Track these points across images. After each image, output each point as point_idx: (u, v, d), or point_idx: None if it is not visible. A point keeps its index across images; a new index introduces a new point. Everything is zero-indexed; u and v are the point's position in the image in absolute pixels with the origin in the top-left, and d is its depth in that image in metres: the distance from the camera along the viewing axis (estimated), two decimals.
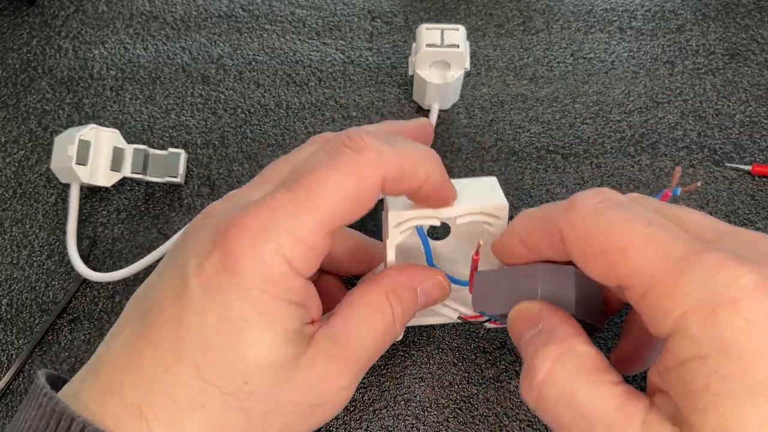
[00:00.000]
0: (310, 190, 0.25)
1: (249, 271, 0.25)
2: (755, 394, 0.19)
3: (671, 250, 0.22)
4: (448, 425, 0.36)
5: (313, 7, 0.48)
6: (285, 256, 0.25)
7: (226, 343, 0.25)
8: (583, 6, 0.48)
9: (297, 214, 0.25)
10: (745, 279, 0.20)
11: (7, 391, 0.37)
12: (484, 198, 0.30)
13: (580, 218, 0.24)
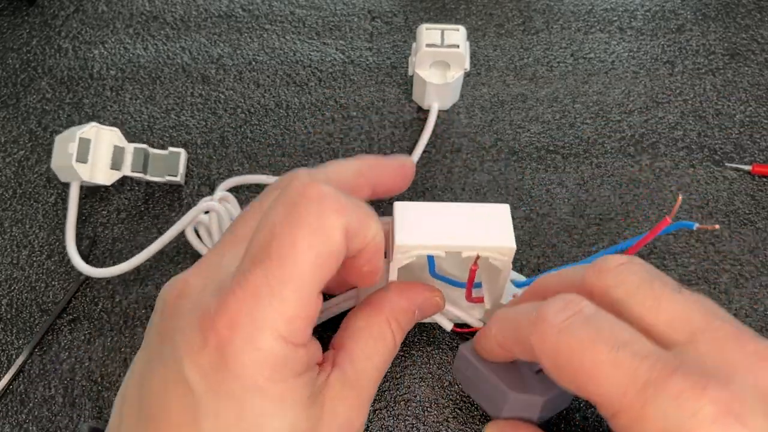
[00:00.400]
0: (283, 263, 0.24)
1: (250, 366, 0.24)
2: None
3: (635, 377, 0.22)
4: (448, 425, 0.36)
5: (313, 7, 0.48)
6: (282, 337, 0.24)
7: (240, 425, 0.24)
8: (583, 6, 0.48)
9: (280, 294, 0.24)
10: (704, 411, 0.21)
11: (7, 391, 0.37)
12: (493, 235, 0.30)
13: (548, 335, 0.24)
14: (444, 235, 0.30)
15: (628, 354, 0.23)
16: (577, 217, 0.41)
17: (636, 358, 0.22)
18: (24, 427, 0.36)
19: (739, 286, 0.39)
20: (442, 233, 0.30)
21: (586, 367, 0.23)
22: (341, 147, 0.43)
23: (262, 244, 0.25)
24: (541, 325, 0.25)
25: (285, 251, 0.24)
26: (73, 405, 0.37)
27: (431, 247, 0.30)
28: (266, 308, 0.24)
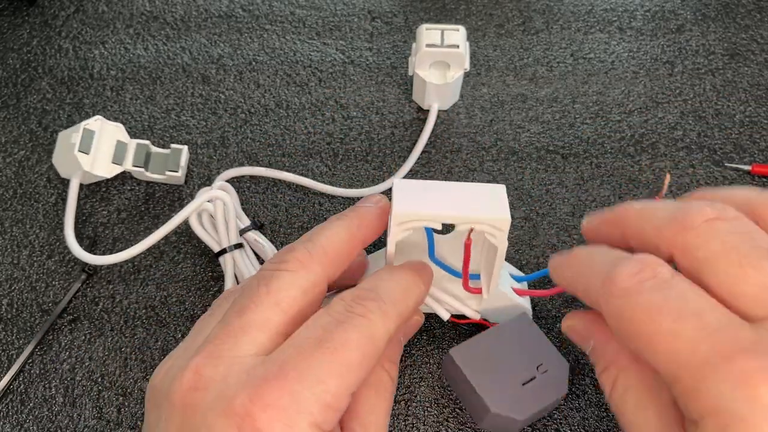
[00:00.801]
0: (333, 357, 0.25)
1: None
2: None
3: (695, 351, 0.21)
4: (448, 425, 0.36)
5: (313, 7, 0.48)
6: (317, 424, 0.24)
7: None
8: (583, 6, 0.48)
9: (324, 382, 0.24)
10: (763, 400, 0.20)
11: (7, 390, 0.37)
12: (489, 208, 0.30)
13: (614, 297, 0.24)
14: (441, 207, 0.30)
15: (693, 326, 0.22)
16: (577, 217, 0.41)
17: (702, 332, 0.21)
18: (24, 427, 0.36)
19: None
20: (438, 204, 0.30)
21: (646, 335, 0.23)
22: (341, 147, 0.43)
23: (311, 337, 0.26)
24: (609, 286, 0.24)
25: (337, 345, 0.25)
26: (73, 405, 0.37)
27: (428, 216, 0.30)
28: (308, 393, 0.24)
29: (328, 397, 0.24)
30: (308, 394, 0.24)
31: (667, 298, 0.23)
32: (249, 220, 0.40)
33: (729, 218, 0.24)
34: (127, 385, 0.37)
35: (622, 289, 0.23)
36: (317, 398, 0.24)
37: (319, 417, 0.24)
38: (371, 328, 0.26)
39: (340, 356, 0.25)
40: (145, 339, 0.38)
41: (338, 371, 0.25)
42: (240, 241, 0.38)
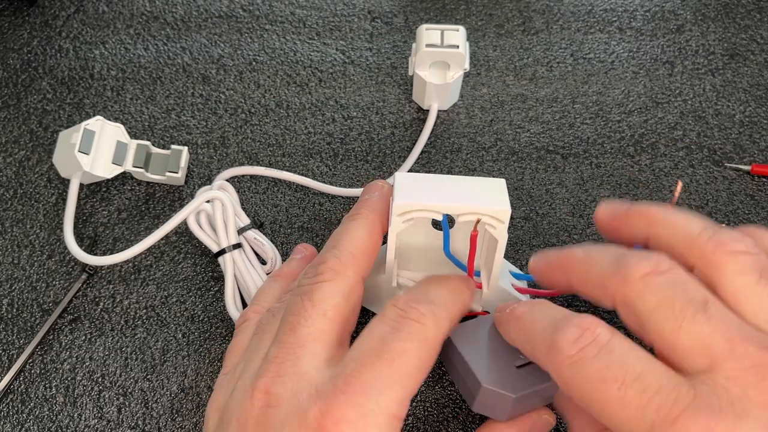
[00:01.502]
0: (392, 364, 0.26)
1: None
2: None
3: (642, 417, 0.22)
4: (448, 425, 0.36)
5: (313, 8, 0.48)
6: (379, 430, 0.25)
7: None
8: (583, 6, 0.48)
9: (386, 393, 0.25)
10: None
11: (8, 390, 0.37)
12: (489, 200, 0.30)
13: (561, 366, 0.24)
14: (442, 198, 0.30)
15: (635, 391, 0.22)
16: (577, 217, 0.41)
17: (644, 396, 0.22)
18: (25, 427, 0.36)
19: None
20: (439, 196, 0.30)
21: (597, 403, 0.23)
22: (341, 147, 0.44)
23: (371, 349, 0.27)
24: (555, 356, 0.25)
25: (395, 355, 0.26)
26: (74, 404, 0.37)
27: (429, 207, 0.30)
28: (373, 406, 0.25)
29: (392, 406, 0.25)
30: (374, 407, 0.25)
31: (609, 366, 0.23)
32: (249, 220, 0.40)
33: (663, 271, 0.25)
34: (128, 385, 0.37)
35: (567, 357, 0.24)
36: (382, 410, 0.25)
37: (385, 428, 0.25)
38: (426, 332, 0.27)
39: (399, 365, 0.26)
40: (145, 339, 0.38)
41: (398, 380, 0.26)
42: (239, 241, 0.38)
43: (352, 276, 0.30)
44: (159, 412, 0.36)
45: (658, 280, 0.24)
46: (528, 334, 0.27)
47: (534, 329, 0.27)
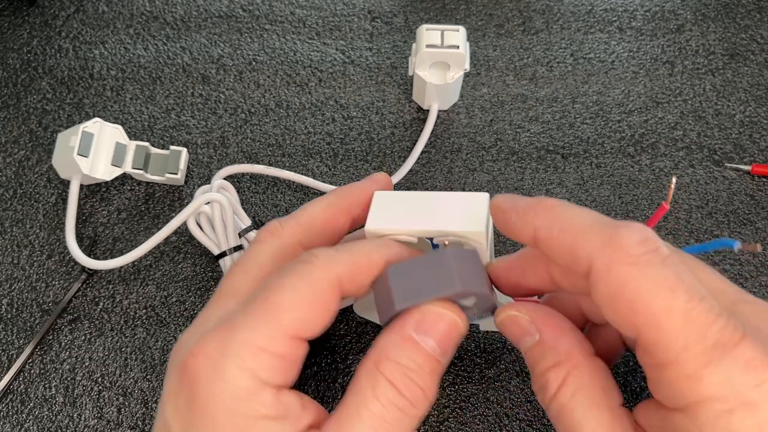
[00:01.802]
0: (265, 301, 0.25)
1: (212, 396, 0.24)
2: None
3: (706, 335, 0.21)
4: (448, 425, 0.36)
5: (313, 7, 0.48)
6: (248, 369, 0.24)
7: None
8: (583, 6, 0.48)
9: (253, 327, 0.25)
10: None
11: (7, 390, 0.37)
12: (463, 221, 0.29)
13: (619, 262, 0.22)
14: (414, 221, 0.29)
15: (704, 308, 0.21)
16: None
17: (711, 315, 0.21)
18: (24, 427, 0.36)
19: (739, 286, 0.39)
20: (412, 219, 0.29)
21: (654, 311, 0.22)
22: (341, 147, 0.43)
23: (255, 291, 0.26)
24: (614, 251, 0.22)
25: (270, 293, 0.25)
26: (73, 405, 0.37)
27: (400, 231, 0.29)
28: (236, 338, 0.24)
29: (259, 339, 0.24)
30: (237, 340, 0.24)
31: (679, 275, 0.22)
32: (250, 220, 0.40)
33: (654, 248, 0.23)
34: (127, 385, 0.37)
35: (631, 255, 0.22)
36: (244, 342, 0.24)
37: (250, 362, 0.24)
38: (311, 270, 0.26)
39: (272, 300, 0.25)
40: (145, 339, 0.38)
41: (269, 315, 0.25)
42: (239, 243, 0.38)
43: (286, 239, 0.29)
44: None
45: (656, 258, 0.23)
46: (570, 224, 0.24)
47: (581, 222, 0.24)
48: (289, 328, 0.25)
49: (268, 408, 0.24)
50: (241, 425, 0.24)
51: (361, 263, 0.27)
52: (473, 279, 0.27)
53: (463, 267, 0.26)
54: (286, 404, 0.25)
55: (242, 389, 0.24)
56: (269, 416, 0.24)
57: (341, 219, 0.31)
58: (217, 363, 0.24)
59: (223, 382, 0.24)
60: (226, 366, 0.24)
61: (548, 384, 0.25)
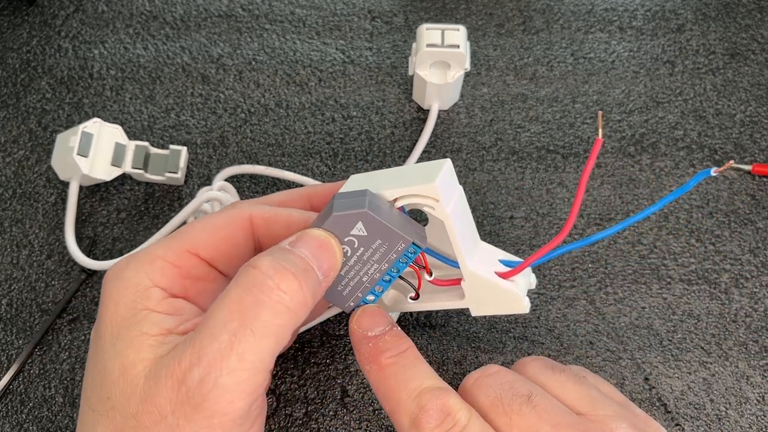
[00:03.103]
0: (182, 227, 0.29)
1: (110, 292, 0.27)
2: None
3: None
4: None
5: (313, 7, 0.48)
6: (143, 271, 0.28)
7: (97, 366, 0.27)
8: (583, 6, 0.48)
9: (158, 244, 0.29)
10: None
11: (7, 390, 0.37)
12: (416, 180, 0.29)
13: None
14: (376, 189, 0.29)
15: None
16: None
17: None
18: (24, 427, 0.36)
19: (739, 286, 0.39)
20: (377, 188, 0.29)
21: None
22: (341, 147, 0.43)
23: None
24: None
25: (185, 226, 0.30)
26: (73, 405, 0.37)
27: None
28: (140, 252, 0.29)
29: (157, 250, 0.28)
30: (141, 252, 0.28)
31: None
32: None
33: (491, 373, 0.28)
34: None
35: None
36: (146, 252, 0.28)
37: (146, 266, 0.28)
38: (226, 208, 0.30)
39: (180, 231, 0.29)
40: None
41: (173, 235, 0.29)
42: None
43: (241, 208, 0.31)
44: None
45: (488, 382, 0.28)
46: (390, 392, 0.28)
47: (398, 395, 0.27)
48: (186, 244, 0.29)
49: (155, 303, 0.27)
50: (125, 313, 0.27)
51: (279, 214, 0.30)
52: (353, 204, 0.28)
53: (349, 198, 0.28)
54: (178, 306, 0.28)
55: (133, 285, 0.27)
56: (152, 309, 0.27)
57: (298, 204, 0.33)
58: (121, 268, 0.28)
59: (120, 280, 0.28)
60: (127, 269, 0.28)
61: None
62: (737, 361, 0.38)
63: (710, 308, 0.39)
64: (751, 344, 0.38)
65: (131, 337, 0.26)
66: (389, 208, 0.28)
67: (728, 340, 0.38)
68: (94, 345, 0.27)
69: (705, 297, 0.39)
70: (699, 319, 0.38)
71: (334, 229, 0.28)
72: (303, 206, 0.33)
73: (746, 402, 0.37)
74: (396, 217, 0.28)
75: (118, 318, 0.27)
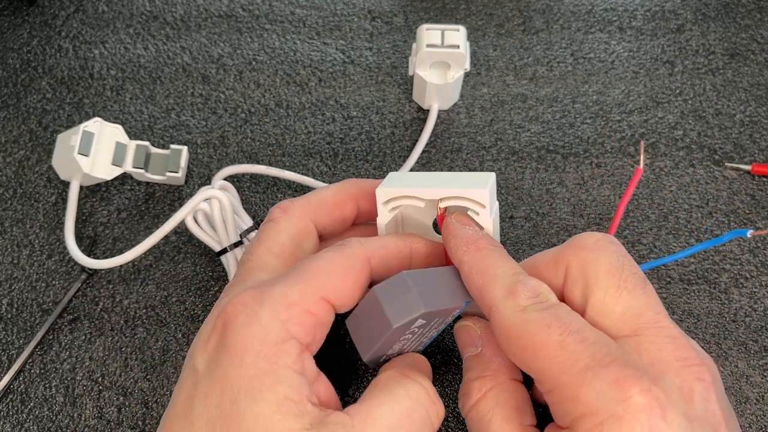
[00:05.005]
0: (302, 268, 0.28)
1: (243, 338, 0.26)
2: None
3: (577, 359, 0.25)
4: (448, 425, 0.36)
5: (313, 7, 0.48)
6: (280, 319, 0.26)
7: (226, 418, 0.25)
8: (583, 6, 0.48)
9: (289, 285, 0.27)
10: (634, 399, 0.23)
11: (7, 390, 0.37)
12: (467, 186, 0.31)
13: (510, 310, 0.27)
14: (424, 186, 0.31)
15: (575, 339, 0.25)
16: (577, 217, 0.41)
17: (582, 344, 0.25)
18: (24, 427, 0.36)
19: (739, 286, 0.39)
20: (422, 185, 0.31)
21: (535, 346, 0.25)
22: (341, 147, 0.43)
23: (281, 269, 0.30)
24: (507, 302, 0.27)
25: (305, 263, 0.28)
26: (73, 404, 0.37)
27: (410, 194, 0.31)
28: (274, 292, 0.27)
29: (293, 295, 0.27)
30: (273, 293, 0.27)
31: (556, 317, 0.26)
32: (251, 220, 0.39)
33: (614, 242, 0.28)
34: (128, 385, 0.37)
35: (520, 306, 0.26)
36: (280, 295, 0.27)
37: (282, 313, 0.26)
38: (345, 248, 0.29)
39: (307, 267, 0.28)
40: (145, 339, 0.38)
41: (303, 277, 0.27)
42: (240, 239, 0.38)
43: (299, 216, 0.32)
44: (159, 412, 0.36)
45: (610, 248, 0.28)
46: (487, 268, 0.28)
47: (494, 271, 0.28)
48: (320, 289, 0.27)
49: (292, 359, 0.26)
50: (265, 368, 0.25)
51: (389, 246, 0.30)
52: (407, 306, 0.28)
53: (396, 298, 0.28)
54: (307, 366, 0.27)
55: (272, 335, 0.26)
56: (291, 367, 0.26)
57: (349, 204, 0.33)
58: (253, 310, 0.26)
59: (256, 326, 0.26)
60: (261, 313, 0.26)
61: (471, 392, 0.29)
62: (737, 361, 0.38)
63: (710, 308, 0.39)
64: (751, 344, 0.38)
65: (277, 402, 0.25)
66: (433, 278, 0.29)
67: (728, 339, 0.38)
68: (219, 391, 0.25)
69: (705, 297, 0.39)
70: (699, 319, 0.39)
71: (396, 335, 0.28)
72: (352, 207, 0.34)
73: (746, 401, 0.37)
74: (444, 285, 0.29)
75: (258, 371, 0.25)
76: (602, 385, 0.24)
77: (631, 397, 0.23)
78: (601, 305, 0.27)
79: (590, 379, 0.24)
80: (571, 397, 0.24)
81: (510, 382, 0.29)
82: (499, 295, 0.27)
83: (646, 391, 0.23)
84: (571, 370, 0.24)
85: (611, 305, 0.27)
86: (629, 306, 0.26)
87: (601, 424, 0.24)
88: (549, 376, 0.25)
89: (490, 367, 0.29)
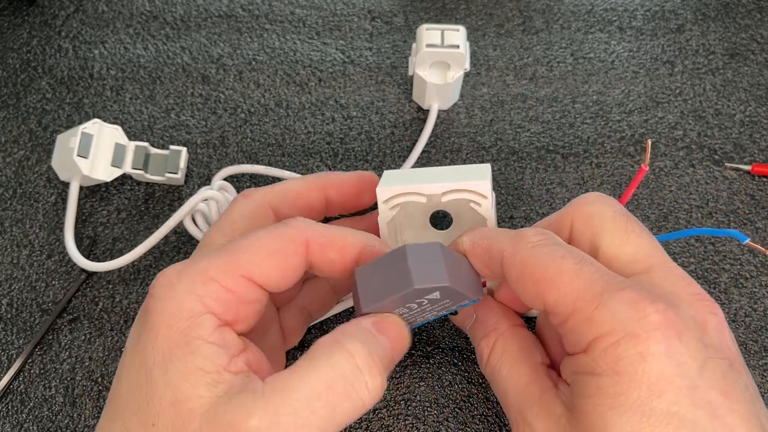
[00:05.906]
0: (230, 245, 0.28)
1: (160, 311, 0.26)
2: (626, 412, 0.23)
3: (593, 285, 0.25)
4: (448, 425, 0.36)
5: (313, 7, 0.48)
6: (196, 293, 0.26)
7: (142, 389, 0.25)
8: (583, 6, 0.48)
9: (211, 261, 0.27)
10: (651, 318, 0.24)
11: (7, 390, 0.37)
12: (467, 178, 0.31)
13: (522, 248, 0.27)
14: (423, 181, 0.31)
15: (591, 268, 0.26)
16: None
17: (597, 273, 0.25)
18: (24, 427, 0.36)
19: (739, 286, 0.39)
20: (421, 181, 0.31)
21: (550, 276, 0.26)
22: (341, 147, 0.43)
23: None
24: (517, 242, 0.27)
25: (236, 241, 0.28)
26: (73, 405, 0.37)
27: (410, 190, 0.31)
28: (195, 267, 0.27)
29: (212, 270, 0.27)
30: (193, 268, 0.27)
31: (569, 249, 0.27)
32: None
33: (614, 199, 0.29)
34: None
35: (530, 242, 0.27)
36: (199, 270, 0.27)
37: (200, 288, 0.26)
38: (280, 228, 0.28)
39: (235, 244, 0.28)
40: None
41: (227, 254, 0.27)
42: None
43: (257, 200, 0.32)
44: None
45: (611, 202, 0.29)
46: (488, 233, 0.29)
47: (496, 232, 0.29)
48: (241, 267, 0.27)
49: (206, 332, 0.26)
50: (177, 340, 0.26)
51: (335, 238, 0.29)
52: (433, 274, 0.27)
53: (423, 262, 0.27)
54: (227, 338, 0.26)
55: (186, 309, 0.26)
56: (205, 339, 0.26)
57: (314, 193, 0.34)
58: (172, 284, 0.27)
59: (171, 300, 0.26)
60: (178, 287, 0.26)
61: (482, 352, 0.30)
62: None
63: None
64: (751, 344, 0.38)
65: (187, 371, 0.25)
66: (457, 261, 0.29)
67: None
68: (138, 363, 0.26)
69: None
70: None
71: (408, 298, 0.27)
72: (319, 196, 0.34)
73: None
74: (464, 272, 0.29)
75: (170, 343, 0.25)
76: (618, 306, 0.24)
77: (648, 316, 0.24)
78: (612, 248, 0.28)
79: (606, 301, 0.24)
80: (587, 320, 0.25)
81: (511, 329, 0.30)
82: (507, 241, 0.28)
83: (662, 312, 0.24)
84: (587, 295, 0.25)
85: (622, 246, 0.27)
86: (639, 247, 0.27)
87: (617, 343, 0.24)
88: (564, 304, 0.25)
89: (488, 325, 0.31)
